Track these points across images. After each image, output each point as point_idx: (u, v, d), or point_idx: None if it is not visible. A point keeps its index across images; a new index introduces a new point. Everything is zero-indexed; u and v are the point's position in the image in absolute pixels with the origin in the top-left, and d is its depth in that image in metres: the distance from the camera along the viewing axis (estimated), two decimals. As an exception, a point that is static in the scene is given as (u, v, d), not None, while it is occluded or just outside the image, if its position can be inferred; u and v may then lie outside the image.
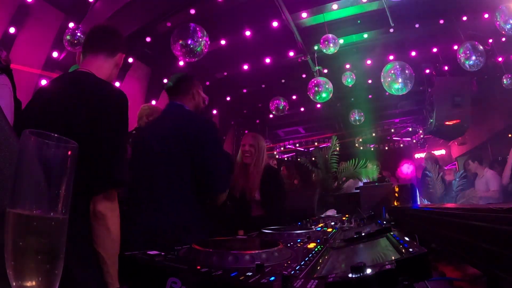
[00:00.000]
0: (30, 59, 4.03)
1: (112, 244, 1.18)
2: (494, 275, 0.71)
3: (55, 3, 4.05)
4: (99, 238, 1.17)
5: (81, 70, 1.41)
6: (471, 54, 3.97)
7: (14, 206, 0.42)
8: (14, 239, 0.42)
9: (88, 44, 1.47)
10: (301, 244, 0.94)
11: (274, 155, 9.29)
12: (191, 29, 3.48)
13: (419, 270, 0.54)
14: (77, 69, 1.45)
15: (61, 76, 1.50)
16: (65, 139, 0.46)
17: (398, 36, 5.27)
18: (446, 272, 1.11)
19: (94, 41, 1.47)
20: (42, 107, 1.29)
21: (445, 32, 5.10)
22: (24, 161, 0.44)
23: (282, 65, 6.14)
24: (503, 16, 3.40)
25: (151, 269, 0.67)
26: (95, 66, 1.41)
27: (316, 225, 1.61)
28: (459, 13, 4.81)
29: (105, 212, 1.17)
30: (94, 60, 1.43)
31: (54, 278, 0.44)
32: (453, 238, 0.99)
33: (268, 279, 0.54)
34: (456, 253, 0.97)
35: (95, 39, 1.47)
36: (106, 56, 1.46)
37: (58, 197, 0.45)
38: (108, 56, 1.46)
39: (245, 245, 0.95)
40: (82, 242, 1.16)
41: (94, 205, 1.17)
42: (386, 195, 2.98)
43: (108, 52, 1.46)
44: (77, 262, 1.09)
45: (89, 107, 1.22)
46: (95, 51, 1.44)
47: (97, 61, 1.43)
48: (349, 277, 0.46)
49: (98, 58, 1.44)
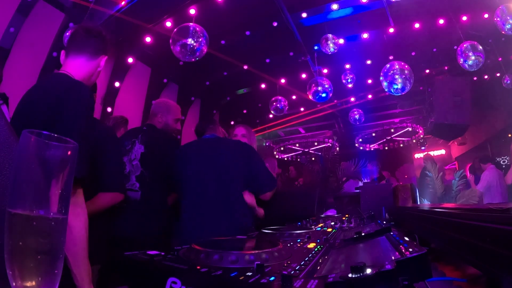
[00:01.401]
0: (30, 59, 4.03)
1: (73, 242, 1.14)
2: (494, 275, 0.71)
3: (55, 3, 4.05)
4: None
5: (58, 72, 1.42)
6: (470, 54, 3.97)
7: (14, 206, 0.42)
8: (14, 239, 0.42)
9: (71, 44, 1.46)
10: (301, 244, 0.94)
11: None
12: (191, 29, 3.48)
13: (419, 270, 0.54)
14: (55, 71, 1.46)
15: (44, 77, 1.51)
16: (65, 139, 0.46)
17: (398, 36, 5.27)
18: (446, 272, 1.11)
19: (77, 43, 1.46)
20: (18, 108, 1.34)
21: (445, 32, 5.10)
22: (23, 161, 0.44)
23: (282, 65, 6.13)
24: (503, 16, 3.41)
25: (151, 269, 0.67)
26: (75, 68, 1.42)
27: (316, 225, 1.61)
28: (459, 13, 4.81)
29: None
30: (74, 61, 1.43)
31: (54, 278, 0.44)
32: (453, 238, 0.99)
33: (268, 279, 0.54)
34: (456, 253, 0.97)
35: (78, 40, 1.46)
36: (88, 59, 1.46)
37: (58, 197, 0.45)
38: (90, 59, 1.46)
39: (245, 245, 0.95)
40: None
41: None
42: (386, 195, 2.99)
43: (90, 55, 1.46)
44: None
45: (48, 103, 1.22)
46: (76, 53, 1.44)
47: (77, 62, 1.44)
48: (349, 277, 0.46)
49: (79, 60, 1.44)
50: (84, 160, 1.20)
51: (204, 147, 2.31)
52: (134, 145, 2.26)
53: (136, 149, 2.24)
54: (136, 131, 2.39)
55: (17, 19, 3.72)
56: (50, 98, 1.23)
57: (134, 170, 2.18)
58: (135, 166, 2.19)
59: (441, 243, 1.15)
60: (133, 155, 2.22)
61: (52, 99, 1.22)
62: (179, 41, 3.46)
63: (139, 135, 2.31)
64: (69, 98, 1.23)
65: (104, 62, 1.52)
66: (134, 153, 2.23)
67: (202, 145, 2.35)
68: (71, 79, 1.35)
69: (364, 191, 3.21)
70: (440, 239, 1.16)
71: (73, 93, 1.25)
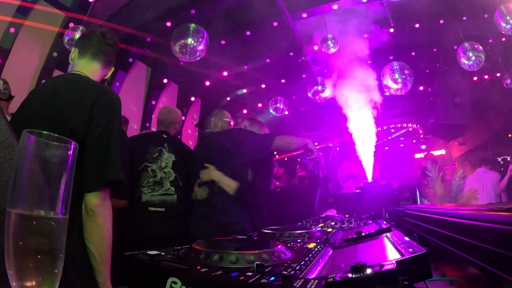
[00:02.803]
0: (30, 59, 4.03)
1: (102, 242, 1.20)
2: (493, 275, 0.71)
3: (55, 3, 4.05)
4: (90, 236, 1.19)
5: (76, 71, 1.43)
6: (470, 54, 3.97)
7: (14, 206, 0.42)
8: (14, 239, 0.42)
9: (87, 47, 1.46)
10: (301, 244, 0.94)
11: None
12: (191, 29, 3.48)
13: (419, 270, 0.54)
14: (72, 71, 1.46)
15: (57, 78, 1.51)
16: (65, 139, 0.46)
17: (398, 36, 5.27)
18: (446, 272, 1.11)
19: (95, 48, 1.46)
20: (37, 108, 1.31)
21: (445, 32, 5.10)
22: (24, 161, 0.44)
23: (282, 65, 6.13)
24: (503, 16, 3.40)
25: (151, 269, 0.67)
26: (90, 71, 1.44)
27: (316, 225, 1.61)
28: (459, 13, 4.80)
29: (95, 210, 1.19)
30: (89, 65, 1.45)
31: (54, 278, 0.44)
32: (453, 238, 0.99)
33: (268, 279, 0.54)
34: (456, 253, 0.97)
35: (96, 45, 1.46)
36: (103, 66, 1.49)
37: (58, 197, 0.45)
38: (104, 67, 1.50)
39: (245, 245, 0.95)
40: (76, 240, 1.18)
41: (85, 202, 1.19)
42: (386, 195, 2.99)
43: (105, 63, 1.49)
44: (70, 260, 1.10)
45: (82, 107, 1.24)
46: (93, 57, 1.46)
47: (92, 66, 1.46)
48: (349, 277, 0.46)
49: (94, 65, 1.46)
50: (121, 165, 1.26)
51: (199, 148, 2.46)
52: (162, 153, 2.47)
53: (165, 157, 2.47)
54: (158, 139, 2.55)
55: (17, 19, 3.71)
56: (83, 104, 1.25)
57: (167, 177, 2.44)
58: (168, 173, 2.45)
59: (441, 243, 1.15)
60: (163, 163, 2.46)
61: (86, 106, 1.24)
62: (179, 41, 3.46)
63: (164, 143, 2.50)
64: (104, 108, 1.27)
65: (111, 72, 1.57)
66: (165, 161, 2.46)
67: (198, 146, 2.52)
68: (98, 84, 1.38)
69: (364, 191, 3.21)
70: (440, 239, 1.16)
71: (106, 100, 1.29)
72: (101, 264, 1.19)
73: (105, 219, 1.22)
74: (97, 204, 1.19)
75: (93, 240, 1.19)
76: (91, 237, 1.19)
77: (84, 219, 1.20)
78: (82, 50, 1.47)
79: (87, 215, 1.19)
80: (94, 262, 1.18)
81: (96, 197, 1.20)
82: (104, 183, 1.21)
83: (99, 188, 1.20)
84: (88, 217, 1.19)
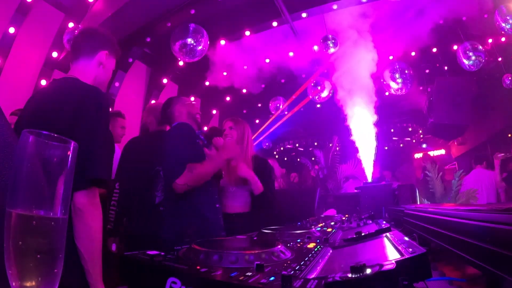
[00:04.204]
0: (30, 59, 4.03)
1: (90, 241, 1.20)
2: (493, 275, 0.71)
3: (55, 3, 4.05)
4: (79, 235, 1.19)
5: (66, 76, 1.46)
6: (471, 54, 3.97)
7: (14, 206, 0.42)
8: (14, 239, 0.42)
9: (72, 50, 1.51)
10: (301, 244, 0.94)
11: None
12: (191, 29, 3.48)
13: (418, 270, 0.54)
14: (64, 75, 1.49)
15: (52, 81, 1.53)
16: (65, 139, 0.46)
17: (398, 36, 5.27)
18: (446, 272, 1.11)
19: (74, 46, 1.49)
20: (33, 109, 1.35)
21: (445, 32, 5.10)
22: (23, 161, 0.44)
23: (282, 65, 6.14)
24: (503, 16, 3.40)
25: (151, 269, 0.67)
26: (78, 71, 1.45)
27: (316, 225, 1.61)
28: (459, 13, 4.80)
29: (83, 209, 1.19)
30: (77, 65, 1.46)
31: (54, 278, 0.44)
32: (453, 238, 0.99)
33: (268, 279, 0.54)
34: (456, 253, 0.97)
35: (74, 44, 1.50)
36: (86, 58, 1.47)
37: (58, 197, 0.45)
38: (88, 58, 1.47)
39: (245, 245, 0.95)
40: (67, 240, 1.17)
41: (73, 201, 1.19)
42: (386, 195, 2.99)
43: (87, 54, 1.47)
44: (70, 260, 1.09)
45: (68, 107, 1.25)
46: (76, 56, 1.47)
47: (79, 65, 1.46)
48: (349, 277, 0.46)
49: (79, 63, 1.46)
50: (106, 164, 1.26)
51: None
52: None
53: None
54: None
55: (17, 19, 3.71)
56: (67, 105, 1.26)
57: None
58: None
59: (441, 243, 1.15)
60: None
61: (70, 107, 1.25)
62: (179, 41, 3.46)
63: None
64: (88, 107, 1.27)
65: (106, 57, 1.50)
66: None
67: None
68: (84, 85, 1.37)
69: (364, 191, 3.21)
70: (440, 239, 1.16)
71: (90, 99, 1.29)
72: (90, 264, 1.18)
73: (93, 218, 1.21)
74: (84, 203, 1.19)
75: (81, 240, 1.18)
76: (79, 236, 1.19)
77: (72, 218, 1.19)
78: (70, 55, 1.51)
79: (75, 214, 1.19)
80: (83, 262, 1.18)
81: (83, 196, 1.19)
82: (90, 182, 1.21)
83: (85, 187, 1.20)
84: (76, 216, 1.19)
